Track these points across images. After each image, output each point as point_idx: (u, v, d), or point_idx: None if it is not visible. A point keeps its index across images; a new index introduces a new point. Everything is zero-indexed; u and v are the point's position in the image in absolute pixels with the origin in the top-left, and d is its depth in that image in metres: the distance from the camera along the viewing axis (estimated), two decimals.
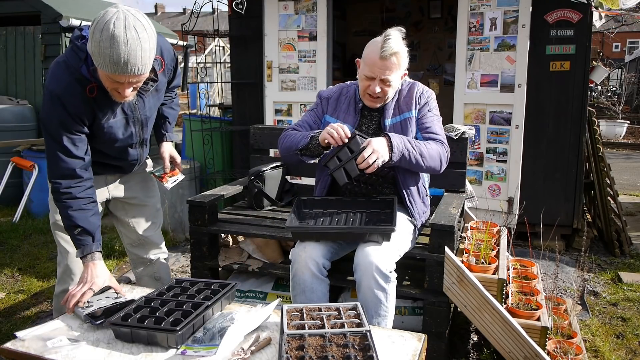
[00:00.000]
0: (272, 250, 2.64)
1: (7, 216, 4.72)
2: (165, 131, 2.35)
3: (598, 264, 3.78)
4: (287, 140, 2.29)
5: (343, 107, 2.35)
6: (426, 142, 2.22)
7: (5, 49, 5.52)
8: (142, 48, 1.64)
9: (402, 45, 2.14)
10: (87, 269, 1.87)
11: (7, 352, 1.55)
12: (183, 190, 4.31)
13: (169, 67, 2.07)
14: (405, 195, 2.30)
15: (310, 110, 2.44)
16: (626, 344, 2.65)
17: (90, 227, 1.89)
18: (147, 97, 2.00)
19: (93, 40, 1.62)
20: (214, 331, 1.62)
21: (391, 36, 2.11)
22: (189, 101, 7.11)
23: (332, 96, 2.40)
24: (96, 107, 1.86)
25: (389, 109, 2.30)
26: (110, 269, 3.60)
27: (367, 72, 2.16)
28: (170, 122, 2.37)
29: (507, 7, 3.79)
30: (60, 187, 1.89)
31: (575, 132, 3.87)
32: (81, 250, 1.88)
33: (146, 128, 2.11)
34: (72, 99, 1.80)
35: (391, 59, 2.10)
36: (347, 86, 2.41)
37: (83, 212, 1.89)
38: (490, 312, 2.05)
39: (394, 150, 2.07)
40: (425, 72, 6.80)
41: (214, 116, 5.27)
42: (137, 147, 2.13)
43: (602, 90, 14.36)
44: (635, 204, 5.57)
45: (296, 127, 2.38)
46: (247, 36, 4.55)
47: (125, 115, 1.97)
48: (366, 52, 2.17)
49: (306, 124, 2.39)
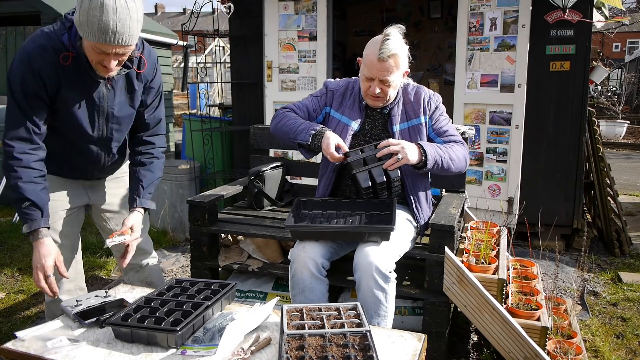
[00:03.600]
0: (272, 250, 2.64)
1: (7, 216, 4.72)
2: (137, 196, 2.07)
3: (598, 264, 3.78)
4: (284, 123, 2.26)
5: (348, 102, 2.33)
6: (451, 146, 2.24)
7: (5, 49, 5.52)
8: (130, 18, 1.64)
9: (402, 44, 2.13)
10: (35, 250, 1.80)
11: (7, 352, 1.55)
12: (183, 190, 4.31)
13: (148, 71, 2.00)
14: (413, 202, 2.31)
15: (314, 97, 2.41)
16: (626, 344, 2.65)
17: (39, 201, 1.80)
18: (117, 88, 1.92)
19: (82, 10, 1.63)
20: (214, 331, 1.62)
21: (390, 36, 2.08)
22: (189, 101, 7.11)
23: (338, 89, 2.38)
24: (64, 78, 1.81)
25: (396, 115, 2.29)
26: (110, 269, 3.60)
27: (367, 73, 2.16)
28: (144, 186, 2.07)
29: (507, 7, 3.79)
30: (14, 150, 1.79)
31: (575, 132, 3.88)
32: (28, 225, 1.80)
33: (112, 126, 1.98)
34: (41, 60, 1.76)
35: (389, 61, 2.08)
36: (353, 82, 2.39)
37: (33, 184, 1.80)
38: (490, 312, 2.05)
39: (429, 158, 2.10)
40: (425, 72, 6.80)
41: (214, 116, 5.27)
42: (100, 146, 2.01)
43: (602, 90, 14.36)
44: (635, 204, 5.58)
45: (294, 109, 2.35)
46: (247, 36, 4.55)
47: (92, 102, 1.89)
48: (366, 53, 2.16)
49: (305, 108, 2.36)
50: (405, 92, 2.33)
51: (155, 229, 4.33)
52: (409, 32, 2.20)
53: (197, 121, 4.56)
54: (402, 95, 2.32)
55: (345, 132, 2.27)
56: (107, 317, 1.64)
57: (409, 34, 2.19)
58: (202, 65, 5.28)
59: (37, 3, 5.23)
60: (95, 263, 3.67)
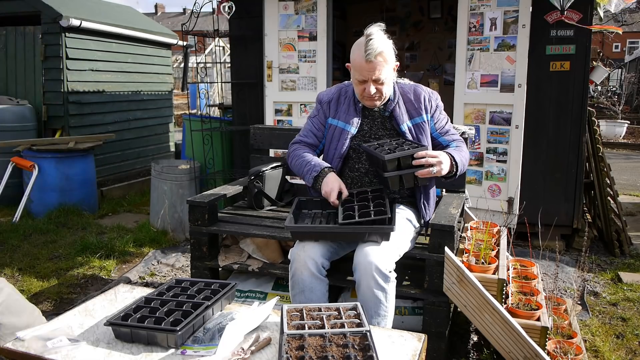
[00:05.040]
0: (272, 250, 2.64)
1: (7, 216, 4.72)
2: None
3: (598, 264, 3.78)
4: (294, 164, 2.37)
5: (343, 108, 2.34)
6: (460, 149, 2.31)
7: (5, 49, 5.52)
8: None
9: (385, 40, 2.14)
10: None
11: (7, 352, 1.55)
12: (183, 190, 4.31)
13: None
14: (421, 197, 2.33)
15: (313, 117, 2.44)
16: (626, 344, 2.65)
17: None
18: None
19: None
20: (214, 331, 1.62)
21: (372, 35, 2.10)
22: (189, 101, 7.12)
23: (332, 99, 2.40)
24: None
25: (400, 114, 2.30)
26: (110, 269, 3.60)
27: (358, 77, 2.18)
28: None
29: (507, 7, 3.79)
30: None
31: (575, 132, 3.87)
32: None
33: None
34: None
35: (377, 59, 2.10)
36: (346, 86, 2.41)
37: None
38: (490, 312, 2.05)
39: (459, 167, 2.20)
40: (425, 72, 6.79)
41: (214, 116, 5.27)
42: None
43: (602, 90, 14.35)
44: (635, 204, 5.57)
45: (303, 139, 2.41)
46: (247, 36, 4.55)
47: None
48: (353, 57, 2.19)
49: (311, 134, 2.41)
50: (404, 92, 2.34)
51: (155, 229, 4.33)
52: (409, 32, 2.22)
53: (197, 121, 4.56)
54: (400, 94, 2.33)
55: (344, 136, 2.29)
56: None
57: (409, 34, 2.21)
58: (202, 65, 5.29)
59: (37, 3, 5.23)
60: (95, 263, 3.67)
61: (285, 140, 3.05)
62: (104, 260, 3.73)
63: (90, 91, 5.64)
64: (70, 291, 3.24)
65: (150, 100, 6.59)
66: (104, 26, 5.64)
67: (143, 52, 6.43)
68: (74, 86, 5.42)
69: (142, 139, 6.44)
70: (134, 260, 3.79)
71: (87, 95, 5.59)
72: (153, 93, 6.62)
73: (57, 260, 3.72)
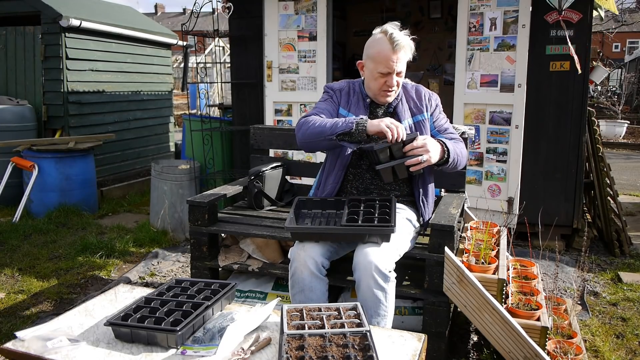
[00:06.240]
0: (272, 250, 2.64)
1: (7, 216, 4.72)
2: None
3: (598, 264, 3.78)
4: (314, 126, 2.16)
5: (353, 100, 2.38)
6: (456, 142, 2.33)
7: (5, 49, 5.52)
8: None
9: (407, 37, 2.23)
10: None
11: (7, 352, 1.55)
12: (183, 190, 4.31)
13: None
14: (420, 195, 2.34)
15: (325, 100, 2.41)
16: (626, 344, 2.65)
17: None
18: None
19: None
20: (214, 331, 1.62)
21: (393, 31, 2.18)
22: (189, 101, 7.11)
23: (343, 89, 2.43)
24: None
25: (403, 111, 2.35)
26: (110, 269, 3.60)
27: (383, 69, 2.20)
28: None
29: (507, 7, 3.79)
30: None
31: (575, 132, 3.87)
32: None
33: None
34: None
35: (402, 51, 2.19)
36: (352, 83, 2.45)
37: None
38: (490, 312, 2.05)
39: (451, 156, 2.20)
40: (425, 72, 6.80)
41: (214, 116, 5.27)
42: None
43: (602, 90, 14.35)
44: (635, 204, 5.57)
45: (318, 114, 2.30)
46: (247, 36, 4.55)
47: None
48: (376, 50, 2.20)
49: (327, 112, 2.33)
50: (406, 90, 2.41)
51: (155, 229, 4.33)
52: (409, 32, 2.24)
53: (197, 121, 4.56)
54: (403, 92, 2.39)
55: None
56: None
57: (408, 34, 2.23)
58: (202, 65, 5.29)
59: (37, 3, 5.22)
60: (95, 263, 3.67)
61: (285, 140, 3.06)
62: (104, 260, 3.73)
63: (90, 91, 5.64)
64: (70, 291, 3.24)
65: (150, 100, 6.59)
66: (103, 26, 5.64)
67: (143, 52, 6.43)
68: (74, 86, 5.42)
69: (142, 139, 6.44)
70: (134, 260, 3.79)
71: (87, 95, 5.59)
72: (153, 93, 6.62)
73: (57, 260, 3.72)
